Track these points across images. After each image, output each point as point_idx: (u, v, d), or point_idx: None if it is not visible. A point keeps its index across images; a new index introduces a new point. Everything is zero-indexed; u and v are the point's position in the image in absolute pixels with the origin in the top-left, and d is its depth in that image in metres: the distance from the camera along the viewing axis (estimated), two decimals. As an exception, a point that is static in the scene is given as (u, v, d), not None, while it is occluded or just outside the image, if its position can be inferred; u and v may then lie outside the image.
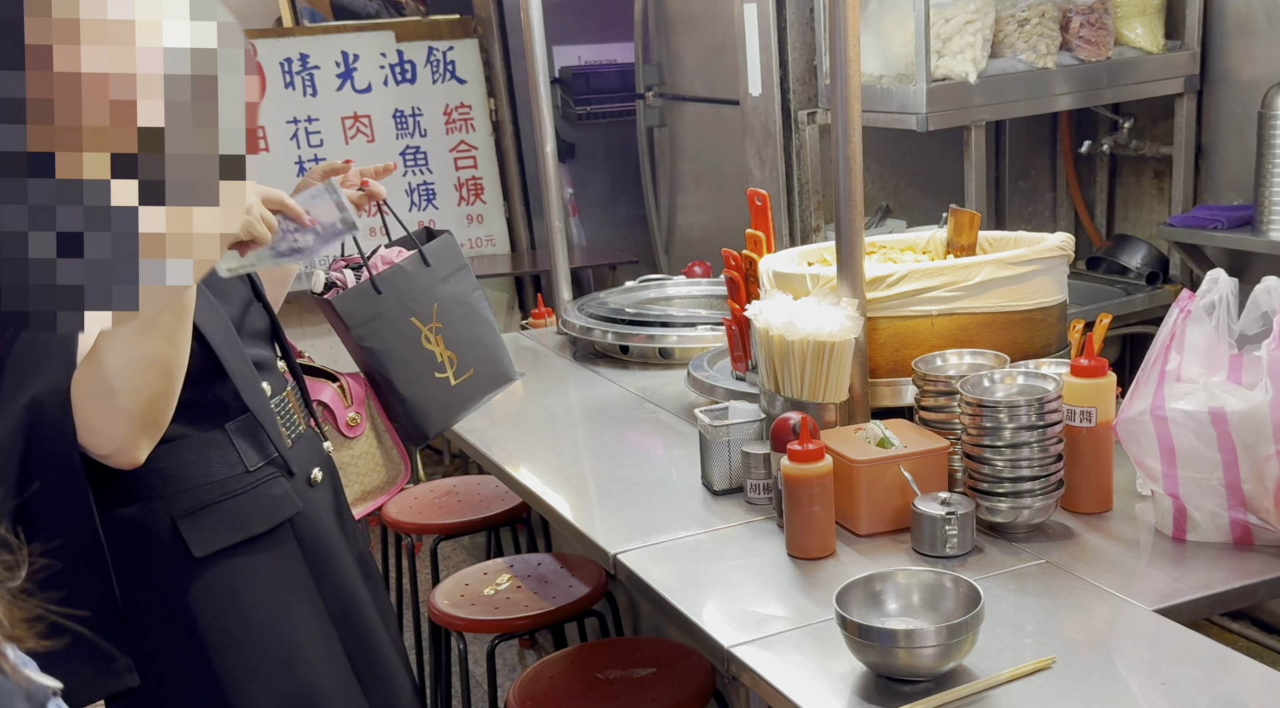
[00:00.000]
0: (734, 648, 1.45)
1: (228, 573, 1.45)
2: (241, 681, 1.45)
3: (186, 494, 1.42)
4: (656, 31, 4.29)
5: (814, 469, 1.63)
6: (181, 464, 1.41)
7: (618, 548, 1.74)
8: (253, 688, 1.46)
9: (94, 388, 1.27)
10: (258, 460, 1.48)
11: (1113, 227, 3.43)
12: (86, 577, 1.34)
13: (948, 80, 2.77)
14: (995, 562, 1.60)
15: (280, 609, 1.50)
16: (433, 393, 1.84)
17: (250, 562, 1.47)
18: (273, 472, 1.51)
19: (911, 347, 1.87)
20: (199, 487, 1.43)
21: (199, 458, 1.43)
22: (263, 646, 1.47)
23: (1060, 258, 1.95)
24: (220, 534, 1.44)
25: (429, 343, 1.79)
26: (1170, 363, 1.55)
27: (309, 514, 1.54)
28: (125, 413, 1.28)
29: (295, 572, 1.52)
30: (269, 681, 1.47)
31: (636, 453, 2.18)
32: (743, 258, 2.15)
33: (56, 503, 1.31)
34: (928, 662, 1.31)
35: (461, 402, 1.89)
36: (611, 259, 4.77)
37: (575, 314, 2.80)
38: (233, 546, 1.45)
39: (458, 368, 1.84)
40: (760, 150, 3.17)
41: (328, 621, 1.55)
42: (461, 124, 4.92)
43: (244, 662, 1.46)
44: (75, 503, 1.32)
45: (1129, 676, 1.34)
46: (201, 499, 1.43)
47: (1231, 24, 2.95)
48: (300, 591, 1.52)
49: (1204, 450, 1.54)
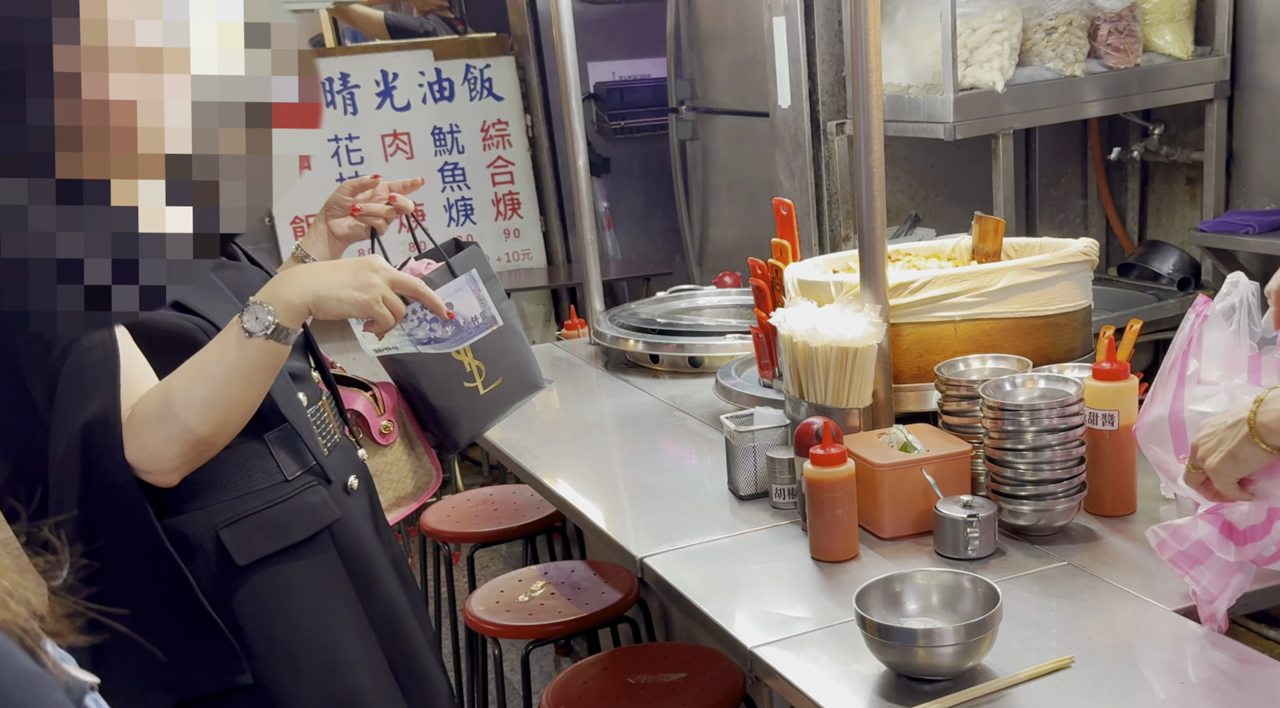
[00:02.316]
0: (757, 649, 1.47)
1: (270, 580, 1.48)
2: (287, 686, 1.48)
3: (228, 504, 1.46)
4: (688, 46, 4.33)
5: (836, 473, 1.65)
6: (222, 475, 1.45)
7: (645, 552, 1.78)
8: (297, 693, 1.49)
9: (161, 413, 1.33)
10: (296, 469, 1.52)
11: (1145, 233, 3.42)
12: (165, 583, 1.38)
13: (975, 89, 2.79)
14: (1017, 564, 1.62)
15: (322, 615, 1.53)
16: (462, 402, 1.88)
17: (292, 569, 1.50)
18: (311, 480, 1.54)
19: (935, 352, 1.89)
20: (239, 496, 1.46)
21: (239, 468, 1.47)
22: (307, 651, 1.51)
23: (1084, 263, 1.97)
24: (262, 543, 1.47)
25: (458, 353, 1.83)
26: (1190, 367, 1.56)
27: (347, 521, 1.58)
28: (182, 442, 1.34)
29: (335, 578, 1.55)
30: (313, 686, 1.50)
31: (665, 460, 2.21)
32: (769, 267, 2.18)
33: (118, 517, 1.36)
34: (947, 661, 1.33)
35: (491, 410, 1.93)
36: (646, 271, 4.82)
37: (607, 325, 2.84)
38: (274, 553, 1.48)
39: (486, 377, 1.88)
40: (790, 161, 3.20)
41: (367, 626, 1.58)
42: (499, 140, 4.99)
43: (289, 667, 1.49)
44: (136, 515, 1.36)
45: (1148, 676, 1.35)
46: (242, 509, 1.46)
47: (1262, 30, 2.94)
48: (341, 596, 1.56)
49: None
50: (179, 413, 1.33)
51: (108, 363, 1.33)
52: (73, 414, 1.32)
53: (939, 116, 2.80)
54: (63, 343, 1.32)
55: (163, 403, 1.34)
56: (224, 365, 1.36)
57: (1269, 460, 1.28)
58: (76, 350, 1.32)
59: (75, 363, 1.32)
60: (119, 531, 1.36)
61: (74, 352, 1.32)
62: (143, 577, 1.38)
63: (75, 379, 1.33)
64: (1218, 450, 1.32)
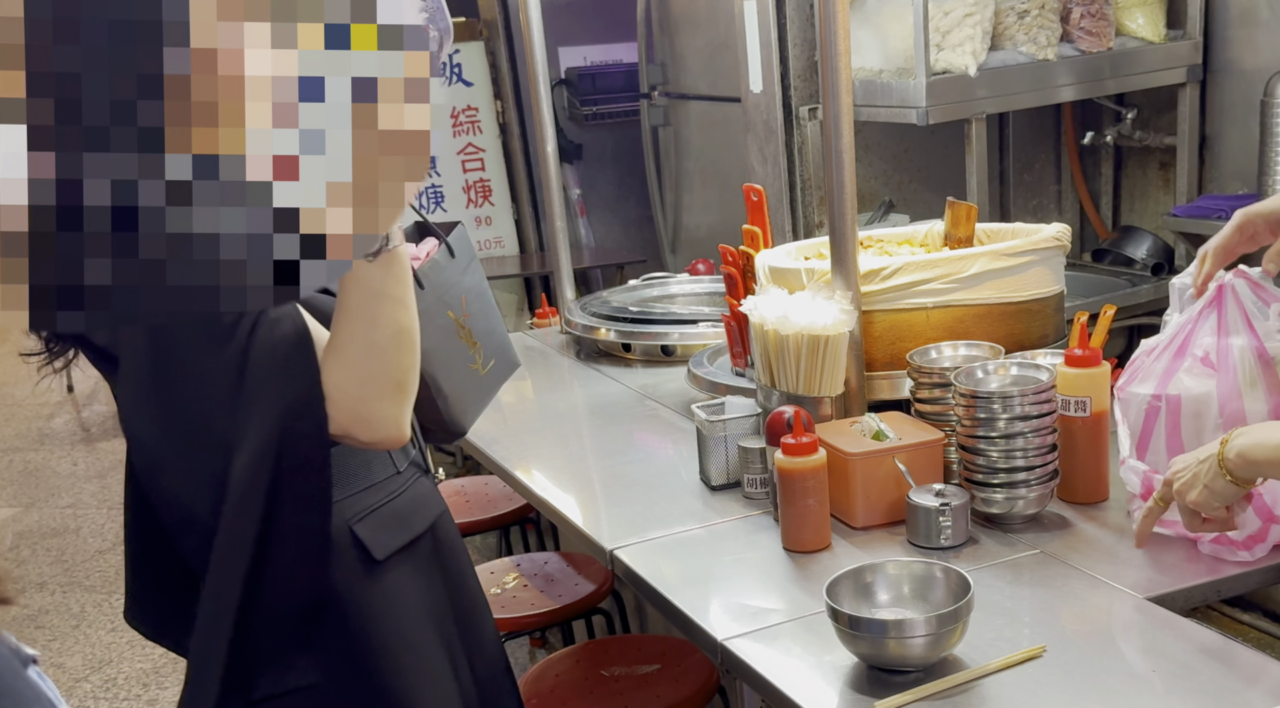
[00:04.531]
0: (727, 641, 1.45)
1: (400, 575, 1.45)
2: (415, 685, 1.44)
3: (355, 498, 1.42)
4: (659, 31, 4.29)
5: (807, 462, 1.63)
6: (349, 469, 1.41)
7: (615, 544, 1.75)
8: (422, 691, 1.45)
9: (352, 377, 1.26)
10: (404, 461, 1.50)
11: (1119, 218, 3.41)
12: (308, 577, 1.35)
13: (948, 73, 2.77)
14: (990, 552, 1.60)
15: (441, 611, 1.50)
16: (469, 385, 1.82)
17: (415, 562, 1.47)
18: (415, 471, 1.52)
19: (907, 339, 1.87)
20: (364, 490, 1.43)
21: (362, 462, 1.43)
22: (430, 647, 1.47)
23: (1056, 249, 1.95)
24: (394, 535, 1.44)
25: (461, 334, 1.78)
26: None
27: (445, 512, 1.56)
28: (389, 392, 1.28)
29: (442, 570, 1.52)
30: (436, 684, 1.47)
31: (637, 450, 2.19)
32: (740, 254, 2.16)
33: (305, 508, 1.32)
34: (918, 652, 1.31)
35: (487, 391, 1.87)
36: (619, 259, 4.79)
37: (579, 313, 2.81)
38: (403, 547, 1.45)
39: (484, 357, 1.84)
40: (762, 147, 3.17)
41: (461, 620, 1.55)
42: (469, 127, 4.95)
43: (417, 664, 1.45)
44: (320, 505, 1.32)
45: (1119, 664, 1.34)
46: (370, 502, 1.43)
47: (1234, 13, 2.93)
48: (446, 590, 1.53)
49: (1158, 438, 1.56)
50: (367, 370, 1.26)
51: (302, 340, 1.27)
52: (269, 392, 1.27)
53: (911, 101, 2.77)
54: (250, 320, 1.26)
55: (346, 370, 1.26)
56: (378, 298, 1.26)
57: (1241, 494, 1.39)
58: (265, 324, 1.26)
59: (266, 340, 1.26)
60: (299, 512, 1.31)
61: (262, 326, 1.26)
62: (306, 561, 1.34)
63: (270, 357, 1.26)
64: (1195, 486, 1.40)
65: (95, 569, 4.38)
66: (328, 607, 1.39)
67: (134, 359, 1.34)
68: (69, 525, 4.81)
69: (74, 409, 6.42)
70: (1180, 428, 1.56)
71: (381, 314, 1.26)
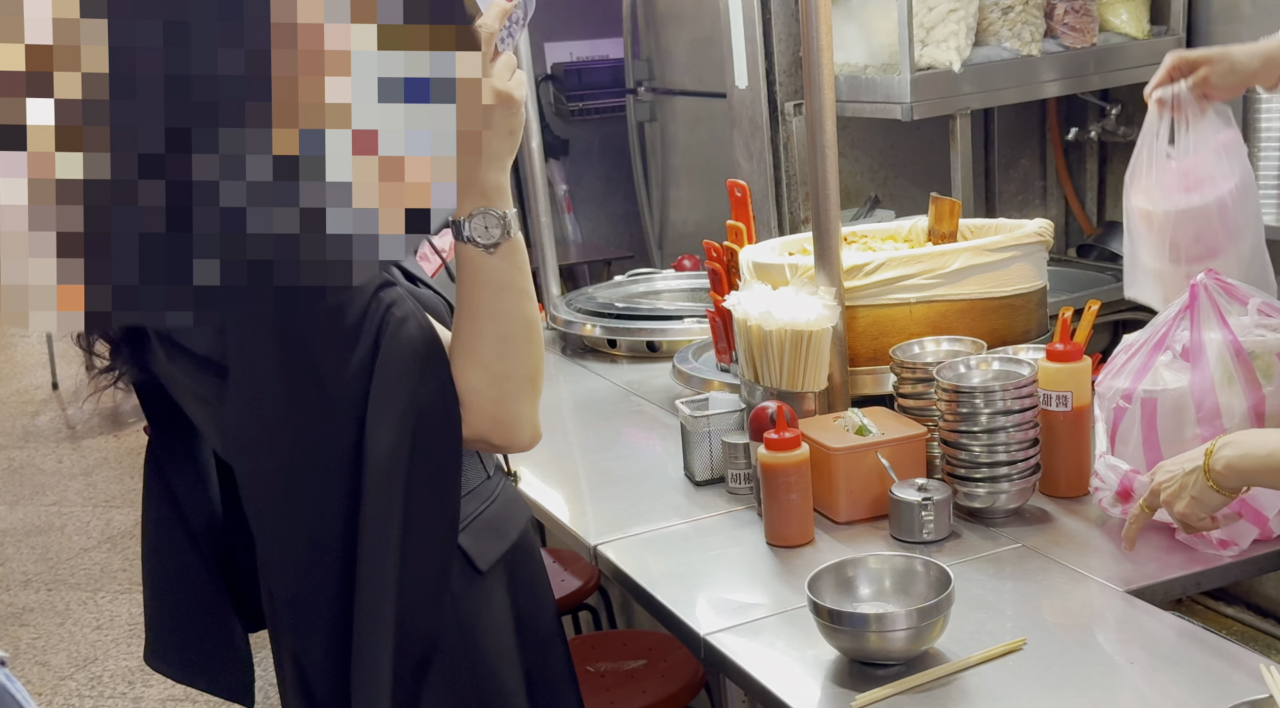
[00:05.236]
0: (710, 636, 1.46)
1: (499, 586, 1.38)
2: (511, 699, 1.38)
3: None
4: (645, 26, 4.29)
5: (790, 457, 1.63)
6: None
7: (600, 540, 1.76)
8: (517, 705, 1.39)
9: (487, 376, 1.21)
10: (491, 466, 1.42)
11: (1103, 214, 3.43)
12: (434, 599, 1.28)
13: (932, 69, 2.77)
14: (972, 546, 1.61)
15: (533, 621, 1.43)
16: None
17: (511, 571, 1.40)
18: (500, 476, 1.44)
19: (891, 335, 1.87)
20: (464, 497, 1.32)
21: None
22: (523, 658, 1.40)
23: (1039, 244, 1.96)
24: (494, 544, 1.37)
25: None
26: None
27: (532, 516, 1.50)
28: (525, 390, 1.24)
29: (529, 582, 1.45)
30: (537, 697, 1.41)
31: (623, 446, 2.19)
32: (724, 249, 2.16)
33: (435, 523, 1.25)
34: (899, 645, 1.32)
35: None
36: (606, 255, 4.78)
37: (564, 309, 2.81)
38: (501, 556, 1.38)
39: None
40: (748, 142, 3.18)
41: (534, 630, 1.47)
42: (456, 123, 4.93)
43: (515, 675, 1.39)
44: (450, 520, 1.26)
45: (1099, 656, 1.35)
46: (468, 510, 1.34)
47: (1217, 9, 2.94)
48: (531, 600, 1.45)
49: (1134, 433, 1.58)
50: (499, 368, 1.21)
51: (431, 341, 1.21)
52: (399, 397, 1.19)
53: (896, 97, 2.78)
54: (375, 320, 1.19)
55: (479, 370, 1.21)
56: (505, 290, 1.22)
57: (1228, 502, 1.40)
58: (391, 324, 1.19)
59: (395, 341, 1.19)
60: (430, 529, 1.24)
61: (389, 326, 1.19)
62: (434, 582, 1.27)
63: (400, 360, 1.19)
64: (1182, 497, 1.41)
65: (80, 567, 4.37)
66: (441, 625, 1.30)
67: (248, 368, 1.21)
68: (54, 523, 4.79)
69: (59, 407, 6.40)
70: (1157, 423, 1.57)
71: (510, 307, 1.21)
